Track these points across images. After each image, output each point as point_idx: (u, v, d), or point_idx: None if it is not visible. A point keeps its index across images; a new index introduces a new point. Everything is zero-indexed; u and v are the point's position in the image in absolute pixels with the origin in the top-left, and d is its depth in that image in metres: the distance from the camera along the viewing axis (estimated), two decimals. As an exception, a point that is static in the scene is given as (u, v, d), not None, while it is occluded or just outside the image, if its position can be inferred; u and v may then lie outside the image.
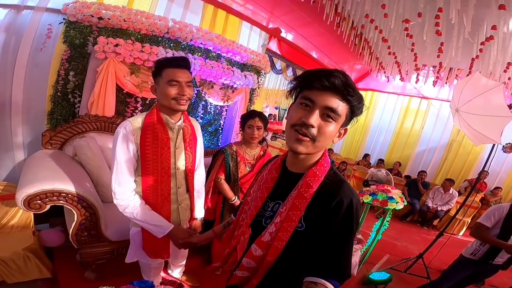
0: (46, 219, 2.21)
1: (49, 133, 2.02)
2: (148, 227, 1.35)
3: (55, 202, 1.53)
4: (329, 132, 0.73)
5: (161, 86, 1.26)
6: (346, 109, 0.73)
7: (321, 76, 0.69)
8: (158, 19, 2.32)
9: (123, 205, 1.30)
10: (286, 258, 0.80)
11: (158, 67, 1.27)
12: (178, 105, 1.28)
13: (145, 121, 1.30)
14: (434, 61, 4.06)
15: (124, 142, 1.26)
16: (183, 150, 1.43)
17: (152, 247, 1.47)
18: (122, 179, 1.28)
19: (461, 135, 6.05)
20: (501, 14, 2.23)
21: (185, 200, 1.52)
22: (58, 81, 2.16)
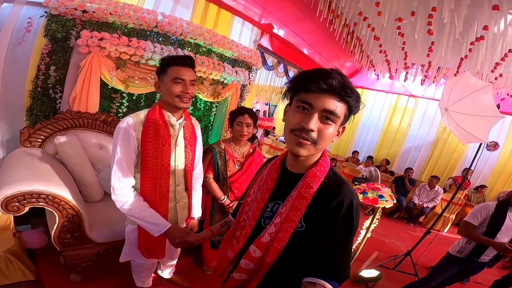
0: (27, 219, 2.12)
1: (27, 130, 1.90)
2: (145, 225, 1.35)
3: (34, 204, 1.44)
4: (329, 134, 0.73)
5: (166, 83, 1.28)
6: (344, 110, 0.72)
7: (318, 77, 0.68)
8: (147, 12, 2.22)
9: (121, 201, 1.30)
10: (286, 258, 0.79)
11: (163, 64, 1.30)
12: (181, 103, 1.30)
13: (147, 117, 1.31)
14: (423, 60, 4.12)
15: (126, 137, 1.27)
16: (183, 148, 1.45)
17: (147, 246, 1.47)
18: (122, 174, 1.28)
19: (447, 133, 6.21)
20: (493, 14, 2.26)
21: (183, 199, 1.53)
22: (38, 76, 2.05)
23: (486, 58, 3.04)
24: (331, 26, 3.18)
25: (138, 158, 1.33)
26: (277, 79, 5.13)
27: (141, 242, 1.45)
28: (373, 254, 3.37)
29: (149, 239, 1.41)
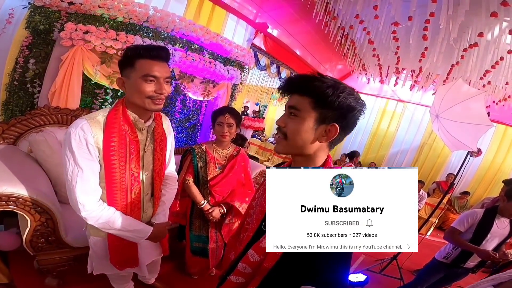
0: (0, 220, 1.96)
1: (1, 126, 1.76)
2: (126, 234, 1.20)
3: (3, 207, 1.32)
4: (294, 127, 0.76)
5: (134, 81, 1.04)
6: (307, 103, 0.74)
7: (285, 84, 0.80)
8: (138, 6, 2.11)
9: (94, 216, 1.11)
10: (284, 264, 0.78)
11: (129, 56, 1.04)
12: (153, 105, 1.08)
13: (108, 121, 1.07)
14: (414, 65, 4.16)
15: (82, 146, 1.03)
16: (151, 153, 1.25)
17: (119, 258, 1.31)
18: (88, 188, 1.08)
19: (432, 138, 6.35)
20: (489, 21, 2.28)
21: (150, 208, 1.35)
22: (15, 69, 1.93)
23: (477, 65, 3.09)
24: (326, 28, 3.14)
25: (100, 169, 1.12)
26: (268, 79, 5.07)
27: (113, 255, 1.28)
28: (359, 258, 3.38)
29: (120, 250, 1.27)
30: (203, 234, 1.95)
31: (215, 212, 1.86)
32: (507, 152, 5.80)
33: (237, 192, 1.93)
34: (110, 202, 1.16)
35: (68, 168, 1.05)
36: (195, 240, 1.96)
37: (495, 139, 5.79)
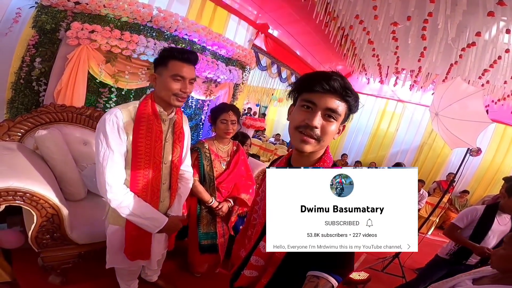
0: (3, 218, 1.97)
1: (7, 123, 1.78)
2: (143, 222, 1.29)
3: (10, 202, 1.33)
4: (331, 131, 0.77)
5: (164, 78, 1.18)
6: (345, 108, 0.77)
7: (322, 79, 0.74)
8: (142, 6, 2.15)
9: (118, 199, 1.21)
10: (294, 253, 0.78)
11: (165, 56, 1.19)
12: (176, 101, 1.22)
13: (138, 111, 1.23)
14: (414, 65, 4.19)
15: (115, 130, 1.17)
16: (171, 144, 1.37)
17: (134, 248, 1.37)
18: (117, 170, 1.20)
19: (432, 138, 6.37)
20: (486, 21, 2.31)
21: (166, 198, 1.44)
22: (21, 68, 1.96)
23: (475, 64, 3.12)
24: (326, 28, 3.18)
25: (128, 154, 1.24)
26: (269, 80, 5.09)
27: (128, 244, 1.35)
28: (361, 256, 3.39)
29: (136, 240, 1.34)
30: (211, 230, 1.96)
31: (225, 207, 1.90)
32: (506, 151, 5.83)
33: (240, 185, 1.99)
34: (133, 186, 1.27)
35: (100, 151, 1.18)
36: (203, 238, 1.95)
37: (495, 138, 5.82)
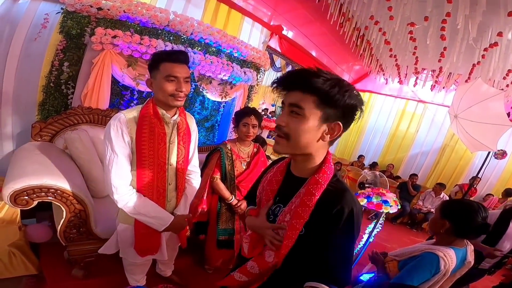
0: (33, 213, 2.13)
1: (39, 124, 1.93)
2: (149, 220, 1.33)
3: (43, 198, 1.46)
4: (297, 127, 0.73)
5: (158, 81, 1.21)
6: (311, 101, 0.71)
7: (281, 80, 0.75)
8: (159, 11, 2.25)
9: (124, 200, 1.26)
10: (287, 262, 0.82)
11: (155, 60, 1.22)
12: (175, 101, 1.24)
13: (141, 114, 1.26)
14: (434, 65, 4.06)
15: (119, 135, 1.22)
16: (175, 146, 1.40)
17: (143, 245, 1.43)
18: (122, 172, 1.25)
19: (454, 140, 6.12)
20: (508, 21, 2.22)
21: (173, 198, 1.48)
22: (51, 72, 2.08)
23: (499, 64, 2.99)
24: (341, 29, 3.17)
25: (132, 157, 1.29)
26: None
27: (138, 241, 1.41)
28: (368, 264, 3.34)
29: (146, 237, 1.39)
30: (230, 227, 2.07)
31: (243, 205, 1.99)
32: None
33: None
34: (139, 187, 1.31)
35: (106, 154, 1.23)
36: (221, 234, 2.07)
37: (521, 140, 5.51)
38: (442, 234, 1.32)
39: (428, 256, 1.26)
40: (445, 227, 1.29)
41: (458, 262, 1.29)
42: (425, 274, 1.23)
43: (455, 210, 1.31)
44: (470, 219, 1.25)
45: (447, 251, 1.25)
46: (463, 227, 1.27)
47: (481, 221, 1.25)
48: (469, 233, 1.30)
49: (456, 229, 1.28)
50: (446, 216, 1.30)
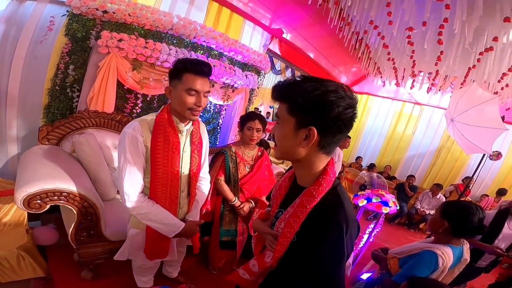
0: (38, 216, 2.12)
1: (46, 128, 1.95)
2: (160, 227, 1.35)
3: (55, 202, 1.48)
4: (277, 134, 0.80)
5: (179, 92, 1.20)
6: (285, 109, 0.75)
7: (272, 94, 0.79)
8: (163, 14, 2.27)
9: (136, 207, 1.28)
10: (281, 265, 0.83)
11: (179, 69, 1.19)
12: (191, 115, 1.24)
13: (156, 124, 1.26)
14: (430, 68, 4.14)
15: (133, 143, 1.22)
16: (189, 154, 1.42)
17: (153, 249, 1.46)
18: (135, 180, 1.26)
19: (451, 142, 6.22)
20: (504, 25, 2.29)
21: (185, 205, 1.51)
22: (57, 75, 2.09)
23: (494, 68, 3.07)
24: (340, 32, 3.22)
25: (146, 164, 1.30)
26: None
27: (148, 245, 1.44)
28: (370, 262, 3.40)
29: (156, 242, 1.42)
30: (232, 228, 2.11)
31: (246, 207, 2.05)
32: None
33: (262, 188, 2.13)
34: (152, 195, 1.33)
35: (120, 162, 1.24)
36: (224, 235, 2.11)
37: (516, 142, 5.62)
38: (440, 233, 1.39)
39: (427, 254, 1.32)
40: (444, 227, 1.36)
41: (455, 259, 1.36)
42: (424, 271, 1.29)
43: (454, 211, 1.37)
44: (467, 220, 1.31)
45: (444, 249, 1.31)
46: (460, 227, 1.34)
47: (477, 222, 1.31)
48: (465, 233, 1.38)
49: (454, 229, 1.35)
50: (445, 217, 1.37)
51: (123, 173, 1.23)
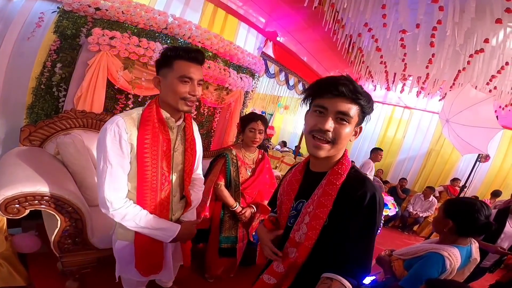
0: (18, 222, 1.99)
1: (29, 128, 1.81)
2: (154, 233, 1.18)
3: (36, 206, 1.34)
4: (345, 133, 0.79)
5: (170, 81, 1.07)
6: (357, 111, 0.79)
7: (330, 85, 0.77)
8: (158, 13, 2.20)
9: (121, 213, 1.10)
10: (314, 258, 0.82)
11: (169, 56, 1.08)
12: (185, 106, 1.11)
13: (142, 118, 1.10)
14: (421, 72, 4.21)
15: (116, 142, 1.05)
16: (181, 154, 1.27)
17: (146, 264, 1.28)
18: (117, 185, 1.09)
19: (440, 145, 6.35)
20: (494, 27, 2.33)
21: (179, 210, 1.35)
22: (43, 73, 1.98)
23: (483, 70, 3.13)
24: (334, 36, 3.23)
25: (132, 166, 1.12)
26: (275, 88, 5.13)
27: (139, 260, 1.25)
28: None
29: (147, 255, 1.25)
30: (233, 235, 2.02)
31: (247, 212, 1.96)
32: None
33: (264, 193, 2.05)
34: (140, 201, 1.16)
35: (100, 164, 1.07)
36: (224, 242, 2.01)
37: (503, 144, 5.77)
38: (445, 233, 1.33)
39: (434, 256, 1.26)
40: (448, 226, 1.31)
41: (463, 260, 1.30)
42: (432, 274, 1.23)
43: (458, 209, 1.32)
44: (473, 218, 1.26)
45: (451, 250, 1.26)
46: (466, 226, 1.29)
47: (484, 220, 1.26)
48: (472, 232, 1.32)
49: (459, 228, 1.30)
50: (449, 216, 1.32)
51: (103, 176, 1.06)
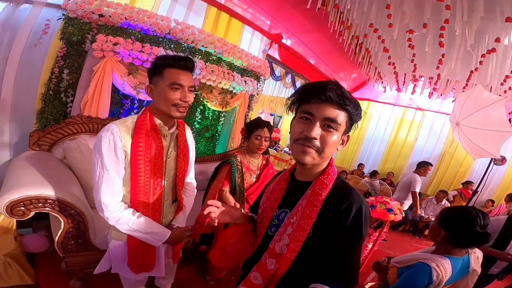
0: (29, 223, 2.08)
1: (37, 133, 1.89)
2: (145, 236, 1.24)
3: (40, 209, 1.40)
4: (332, 141, 0.76)
5: (161, 89, 1.12)
6: (345, 118, 0.76)
7: (317, 90, 0.73)
8: (161, 18, 2.25)
9: (115, 217, 1.17)
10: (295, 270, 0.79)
11: (159, 65, 1.12)
12: (177, 112, 1.15)
13: (136, 126, 1.15)
14: (432, 73, 4.10)
15: (111, 149, 1.10)
16: (173, 160, 1.31)
17: (138, 262, 1.34)
18: (113, 189, 1.15)
19: (454, 147, 6.14)
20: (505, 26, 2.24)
21: (170, 214, 1.40)
22: (51, 79, 2.05)
23: (496, 70, 3.01)
24: (340, 37, 3.19)
25: (126, 172, 1.18)
26: (283, 89, 5.13)
27: (132, 259, 1.32)
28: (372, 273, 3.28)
29: (139, 254, 1.31)
30: None
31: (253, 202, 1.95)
32: (533, 160, 5.51)
33: None
34: (133, 204, 1.22)
35: (96, 170, 1.12)
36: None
37: (520, 146, 5.52)
38: (439, 242, 1.29)
39: (421, 267, 1.22)
40: (441, 236, 1.26)
41: (456, 271, 1.23)
42: (418, 285, 1.19)
43: (451, 218, 1.26)
44: (467, 228, 1.20)
45: (441, 261, 1.20)
46: (459, 236, 1.23)
47: (479, 230, 1.19)
48: (466, 242, 1.25)
49: (453, 238, 1.24)
50: (442, 224, 1.27)
51: (100, 181, 1.11)
